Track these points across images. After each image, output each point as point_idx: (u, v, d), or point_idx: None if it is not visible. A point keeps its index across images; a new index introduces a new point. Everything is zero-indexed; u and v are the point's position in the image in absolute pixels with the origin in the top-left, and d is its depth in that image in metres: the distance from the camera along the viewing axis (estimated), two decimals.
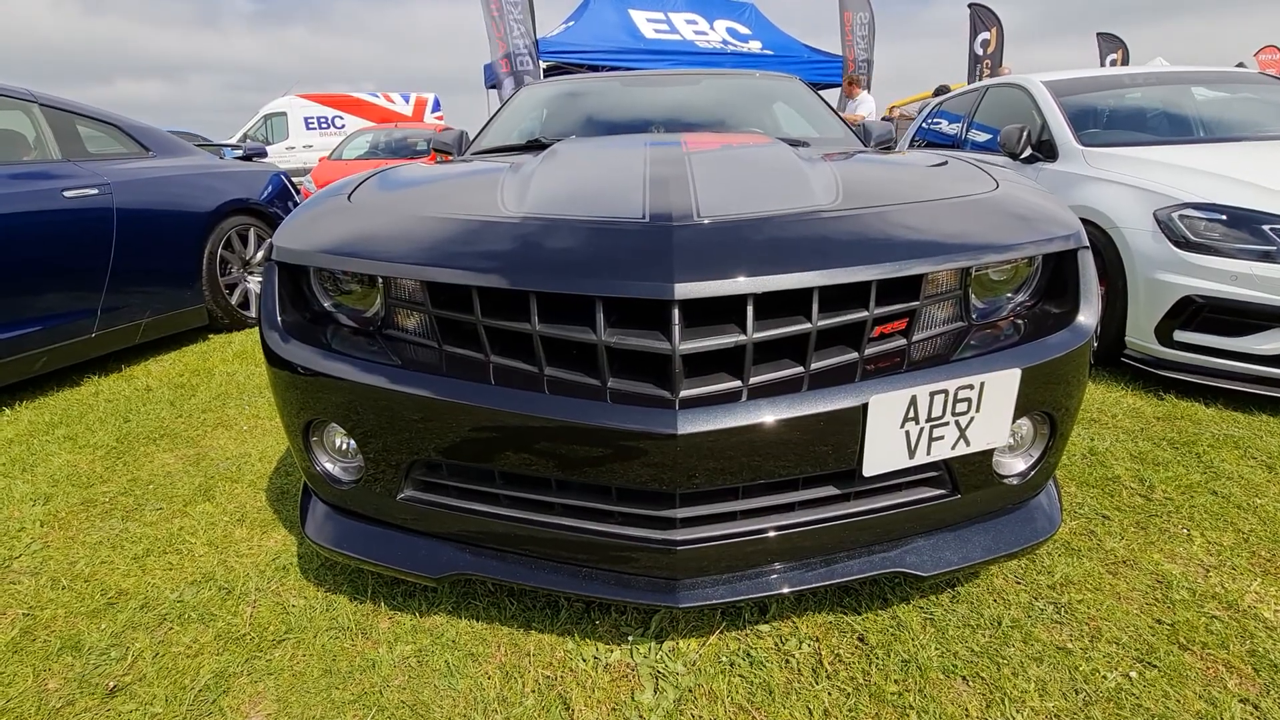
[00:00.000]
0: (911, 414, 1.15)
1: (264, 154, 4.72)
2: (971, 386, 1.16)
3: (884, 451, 1.16)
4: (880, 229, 1.23)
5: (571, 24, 9.98)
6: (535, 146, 2.47)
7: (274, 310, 1.38)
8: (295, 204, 4.50)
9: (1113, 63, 12.75)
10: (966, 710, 1.14)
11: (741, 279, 1.09)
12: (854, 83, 8.42)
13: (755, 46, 10.64)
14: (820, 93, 3.13)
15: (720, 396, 1.12)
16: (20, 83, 3.09)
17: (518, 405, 1.14)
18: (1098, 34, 13.17)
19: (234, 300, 3.90)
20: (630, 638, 1.32)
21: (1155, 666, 1.22)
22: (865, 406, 1.12)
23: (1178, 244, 2.51)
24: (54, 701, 1.21)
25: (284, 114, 15.63)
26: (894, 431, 1.15)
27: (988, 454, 1.27)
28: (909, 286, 1.22)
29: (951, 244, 1.22)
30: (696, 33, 10.34)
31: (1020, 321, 1.37)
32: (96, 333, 3.06)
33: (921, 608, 1.39)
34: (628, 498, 1.19)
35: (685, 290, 1.07)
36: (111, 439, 2.41)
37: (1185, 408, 2.42)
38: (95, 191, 3.05)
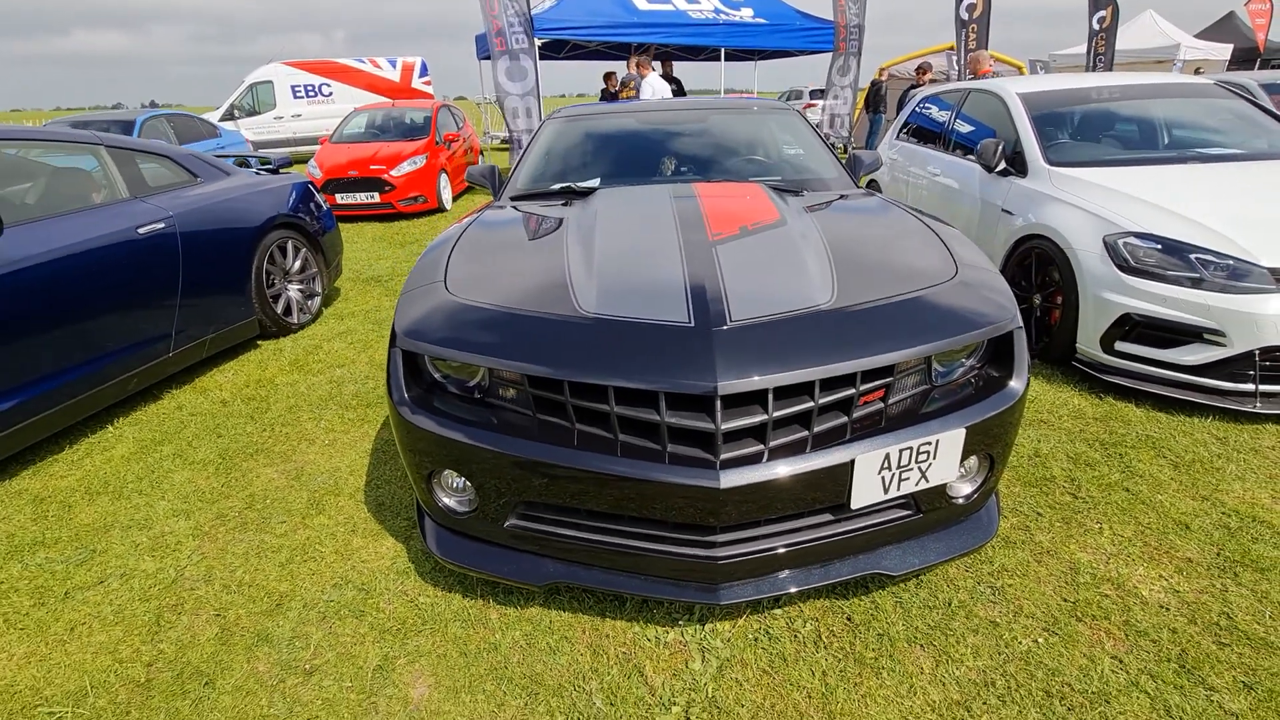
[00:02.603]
0: (886, 465, 1.60)
1: (288, 164, 4.98)
2: (930, 442, 1.61)
3: (866, 490, 1.61)
4: (865, 327, 1.65)
5: None
6: (568, 192, 2.84)
7: (401, 387, 1.79)
8: (320, 207, 4.81)
9: (1100, 20, 12.79)
10: (922, 669, 1.63)
11: (765, 377, 1.52)
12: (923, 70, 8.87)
13: (747, 14, 10.65)
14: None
15: (750, 457, 1.57)
16: None
17: (600, 465, 1.58)
18: None
19: (279, 309, 4.26)
20: (680, 622, 1.80)
21: (1057, 634, 1.71)
22: (853, 462, 1.56)
23: (1121, 267, 2.93)
24: (269, 681, 1.68)
25: (270, 82, 15.45)
26: (873, 477, 1.60)
27: (942, 485, 1.73)
28: (887, 368, 1.66)
29: (920, 337, 1.65)
30: (689, 2, 10.33)
31: (972, 379, 1.81)
32: (173, 352, 3.44)
33: (894, 594, 1.87)
34: (682, 528, 1.65)
35: (725, 387, 1.50)
36: (215, 455, 2.83)
37: (1120, 409, 2.89)
38: (163, 225, 3.38)
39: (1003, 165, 3.86)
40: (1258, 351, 2.67)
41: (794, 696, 1.58)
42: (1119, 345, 2.99)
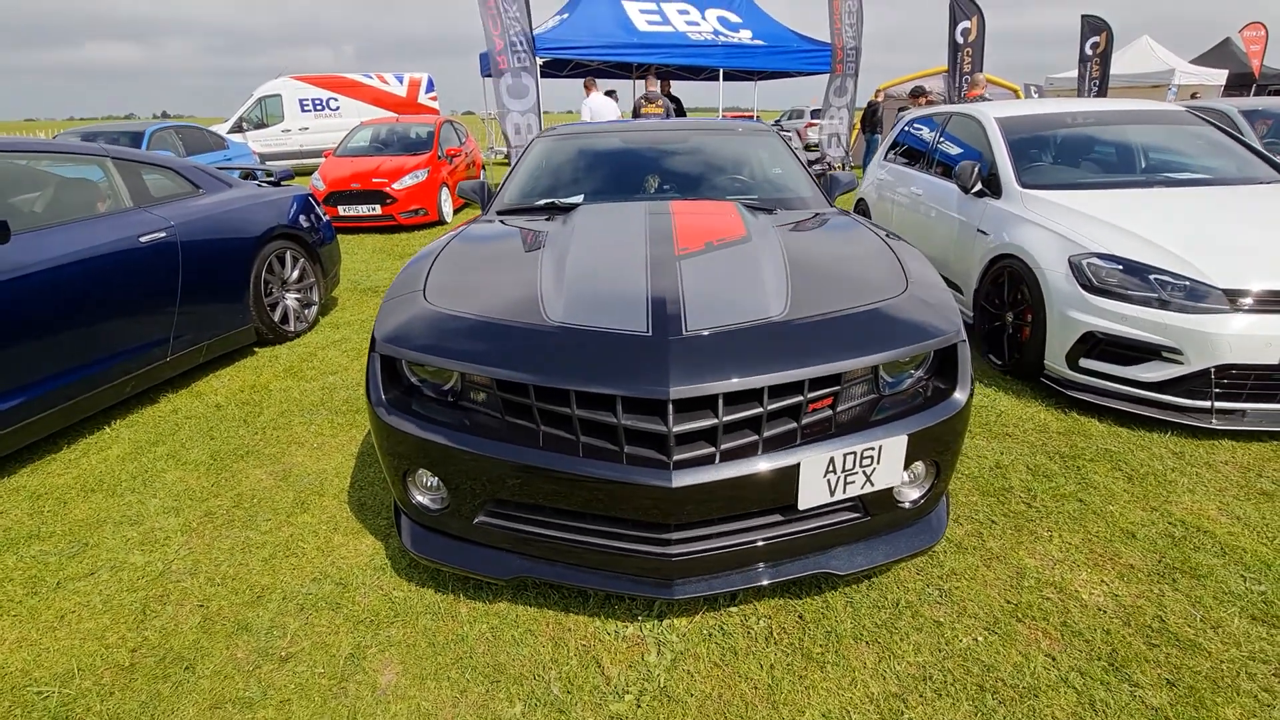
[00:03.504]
0: (831, 468, 1.70)
1: (290, 176, 5.13)
2: (873, 448, 1.71)
3: (813, 492, 1.71)
4: (815, 338, 1.76)
5: (565, 16, 10.20)
6: (551, 208, 2.97)
7: (379, 389, 1.90)
8: (319, 219, 4.95)
9: (1094, 46, 13.04)
10: (865, 663, 1.72)
11: (715, 383, 1.62)
12: (918, 95, 8.92)
13: (746, 36, 10.89)
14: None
15: (702, 459, 1.66)
16: None
17: (563, 465, 1.68)
18: (1082, 16, 13.41)
19: (276, 317, 4.38)
20: (640, 617, 1.89)
21: (996, 633, 1.80)
22: (798, 465, 1.66)
23: (1085, 286, 3.04)
24: (246, 666, 1.77)
25: (278, 95, 15.75)
26: (819, 480, 1.70)
27: (889, 489, 1.82)
28: (835, 376, 1.76)
29: (865, 348, 1.75)
30: (688, 23, 10.57)
31: (921, 389, 1.91)
32: (170, 356, 3.55)
33: (846, 594, 1.96)
34: (638, 525, 1.74)
35: (677, 393, 1.60)
36: (206, 456, 2.94)
37: (1083, 424, 2.98)
38: (164, 234, 3.51)
39: (979, 187, 3.99)
40: (1213, 369, 2.77)
41: (741, 687, 1.66)
42: (1083, 362, 3.09)
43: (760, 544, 1.76)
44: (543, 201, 3.08)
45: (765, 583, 1.78)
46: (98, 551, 2.28)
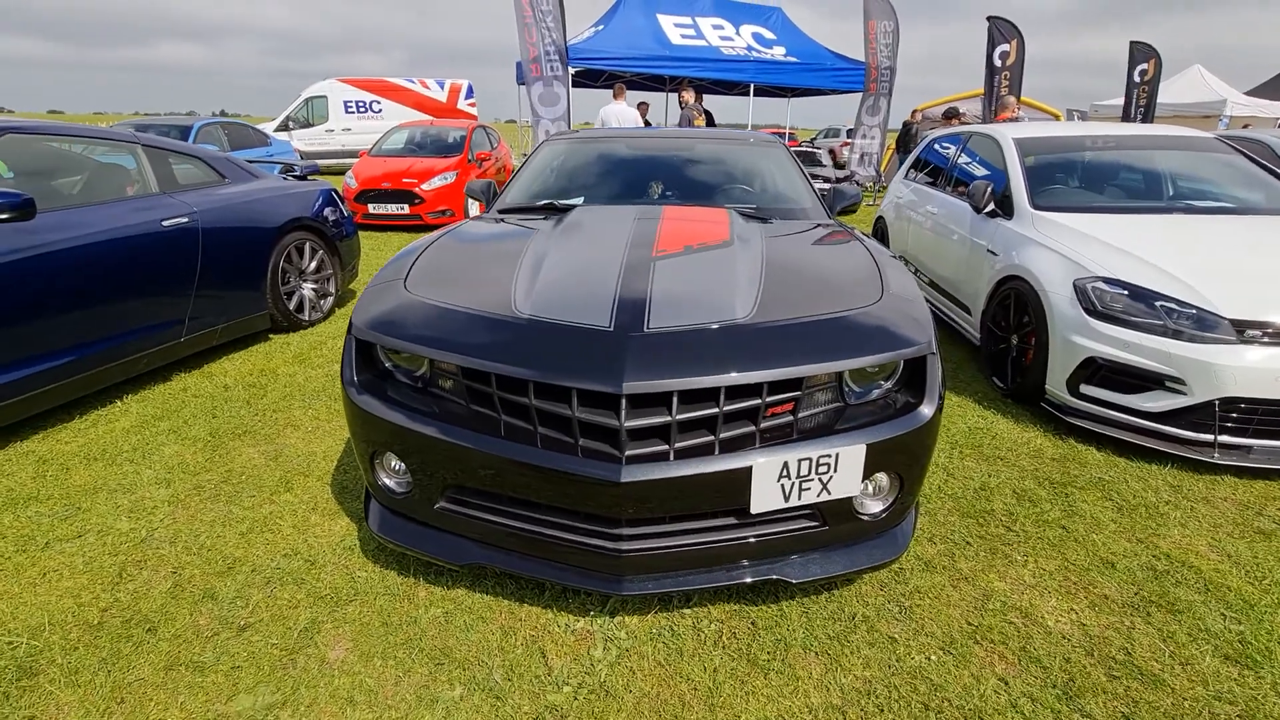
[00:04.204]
0: (785, 473, 1.68)
1: (317, 170, 5.30)
2: (830, 455, 1.69)
3: (766, 497, 1.70)
4: (777, 341, 1.75)
5: (600, 28, 10.36)
6: (549, 209, 3.02)
7: (351, 370, 1.95)
8: (341, 214, 5.10)
9: (1142, 73, 12.72)
10: (810, 673, 1.69)
11: (669, 381, 1.63)
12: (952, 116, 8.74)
13: (779, 53, 10.92)
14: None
15: (655, 455, 1.67)
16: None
17: (519, 455, 1.70)
18: (1131, 42, 13.11)
19: (291, 305, 4.52)
20: (592, 612, 1.89)
21: (951, 653, 1.75)
22: (750, 468, 1.65)
23: (1089, 311, 2.96)
24: (205, 632, 1.82)
25: (324, 97, 16.28)
26: (772, 484, 1.69)
27: (848, 500, 1.80)
28: (795, 381, 1.75)
29: (827, 354, 1.74)
30: (722, 38, 10.65)
31: (892, 400, 1.89)
32: (185, 337, 3.69)
33: (803, 604, 1.93)
34: (591, 519, 1.75)
35: (630, 388, 1.61)
36: (205, 433, 3.04)
37: (1080, 451, 2.90)
38: (186, 220, 3.66)
39: (991, 207, 3.93)
40: (1218, 402, 2.67)
41: (681, 688, 1.65)
42: (1084, 388, 3.00)
43: (713, 546, 1.76)
44: (542, 202, 3.13)
45: (716, 585, 1.77)
46: (88, 516, 2.37)
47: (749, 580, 1.78)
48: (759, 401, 1.71)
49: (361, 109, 16.56)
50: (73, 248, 3.03)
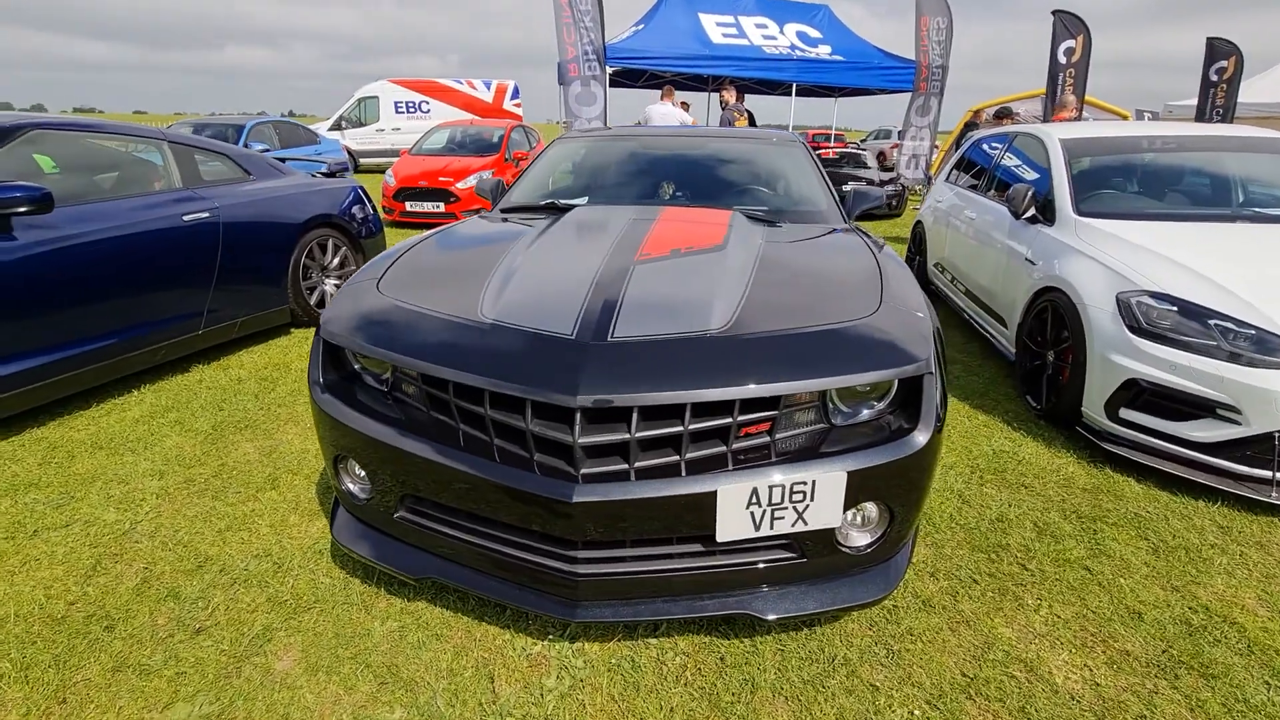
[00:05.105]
0: (755, 500, 1.54)
1: (346, 169, 5.37)
2: (805, 482, 1.54)
3: (733, 524, 1.55)
4: (753, 355, 1.61)
5: (641, 27, 10.26)
6: (550, 209, 2.92)
7: (317, 371, 1.90)
8: (368, 213, 5.15)
9: (1220, 71, 11.86)
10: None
11: (628, 395, 1.50)
12: (1004, 115, 8.16)
13: (824, 51, 10.60)
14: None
15: (615, 475, 1.55)
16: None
17: (473, 468, 1.60)
18: (1208, 39, 12.24)
19: (313, 301, 4.57)
20: (550, 637, 1.78)
21: (938, 708, 1.57)
22: (715, 493, 1.51)
23: (1132, 328, 2.69)
24: (160, 634, 1.80)
25: (376, 98, 16.72)
26: (740, 511, 1.54)
27: (829, 531, 1.63)
28: (770, 400, 1.60)
29: (809, 371, 1.58)
30: (765, 37, 10.40)
31: (885, 423, 1.72)
32: (203, 329, 3.76)
33: (779, 640, 1.78)
34: (547, 539, 1.64)
35: (585, 401, 1.50)
36: (208, 426, 3.07)
37: (1117, 482, 2.63)
38: (207, 215, 3.72)
39: (1031, 212, 3.65)
40: (1278, 434, 2.37)
41: None
42: (1123, 412, 2.73)
43: (676, 574, 1.63)
44: (545, 201, 3.04)
45: (677, 617, 1.64)
46: (79, 505, 2.40)
47: (714, 614, 1.64)
48: (730, 421, 1.57)
49: (410, 109, 16.94)
50: (92, 241, 3.11)
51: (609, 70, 9.62)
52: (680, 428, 1.54)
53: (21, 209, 2.82)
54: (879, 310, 1.80)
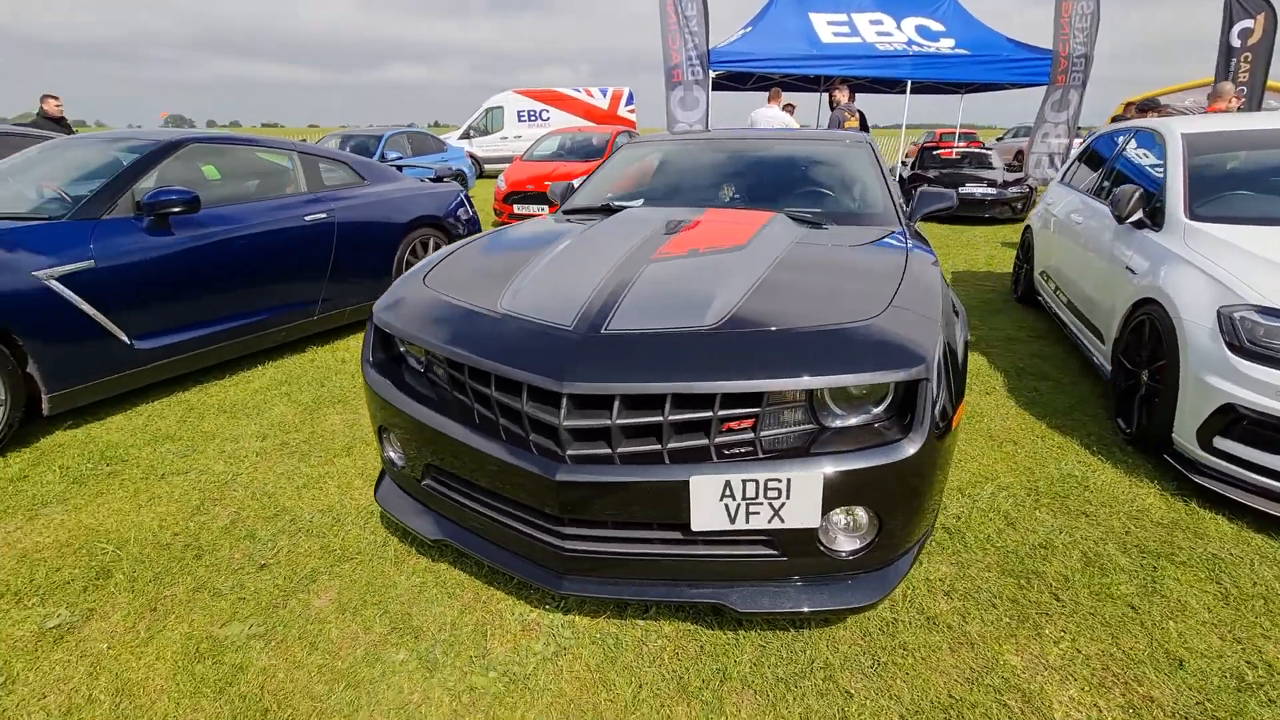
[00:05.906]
0: (728, 493, 1.58)
1: (461, 175, 5.88)
2: (780, 480, 1.56)
3: (707, 515, 1.61)
4: (738, 352, 1.65)
5: (749, 30, 10.21)
6: (605, 210, 3.07)
7: (369, 351, 2.16)
8: (470, 215, 5.59)
9: (1244, 34, 9.70)
10: (739, 711, 1.57)
11: (612, 384, 1.60)
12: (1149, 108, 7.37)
13: (946, 45, 9.97)
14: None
15: (599, 458, 1.65)
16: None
17: (477, 443, 1.77)
18: None
19: None
20: (547, 606, 1.92)
21: None
22: (687, 483, 1.58)
23: (1232, 346, 2.38)
24: (234, 565, 2.14)
25: (501, 108, 17.85)
26: (714, 503, 1.59)
27: (809, 530, 1.63)
28: (752, 396, 1.63)
29: (794, 370, 1.60)
30: (880, 34, 9.97)
31: (879, 429, 1.69)
32: (317, 315, 4.30)
33: (762, 636, 1.79)
34: (539, 514, 1.78)
35: (571, 387, 1.61)
36: (310, 399, 3.52)
37: (1200, 519, 2.34)
38: (325, 216, 4.25)
39: (1137, 215, 3.29)
40: None
41: (600, 696, 1.62)
42: (1217, 441, 2.42)
43: (654, 558, 1.70)
44: (602, 203, 3.20)
45: (653, 600, 1.71)
46: (198, 457, 2.87)
47: (690, 600, 1.70)
48: (711, 414, 1.62)
49: (532, 117, 17.92)
50: (230, 237, 3.68)
51: (715, 74, 9.68)
52: (660, 417, 1.62)
53: (176, 209, 3.40)
54: (883, 314, 1.76)
